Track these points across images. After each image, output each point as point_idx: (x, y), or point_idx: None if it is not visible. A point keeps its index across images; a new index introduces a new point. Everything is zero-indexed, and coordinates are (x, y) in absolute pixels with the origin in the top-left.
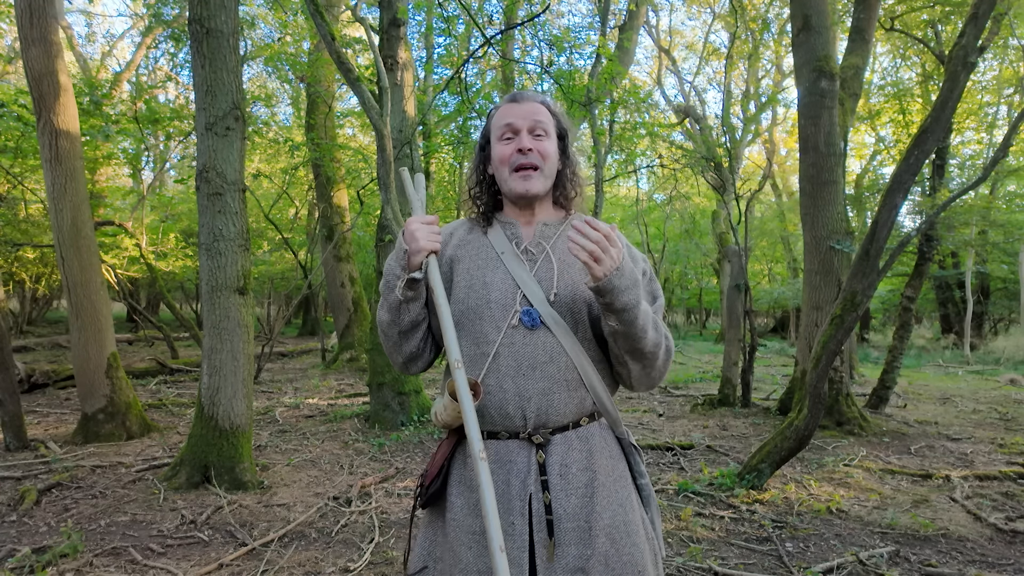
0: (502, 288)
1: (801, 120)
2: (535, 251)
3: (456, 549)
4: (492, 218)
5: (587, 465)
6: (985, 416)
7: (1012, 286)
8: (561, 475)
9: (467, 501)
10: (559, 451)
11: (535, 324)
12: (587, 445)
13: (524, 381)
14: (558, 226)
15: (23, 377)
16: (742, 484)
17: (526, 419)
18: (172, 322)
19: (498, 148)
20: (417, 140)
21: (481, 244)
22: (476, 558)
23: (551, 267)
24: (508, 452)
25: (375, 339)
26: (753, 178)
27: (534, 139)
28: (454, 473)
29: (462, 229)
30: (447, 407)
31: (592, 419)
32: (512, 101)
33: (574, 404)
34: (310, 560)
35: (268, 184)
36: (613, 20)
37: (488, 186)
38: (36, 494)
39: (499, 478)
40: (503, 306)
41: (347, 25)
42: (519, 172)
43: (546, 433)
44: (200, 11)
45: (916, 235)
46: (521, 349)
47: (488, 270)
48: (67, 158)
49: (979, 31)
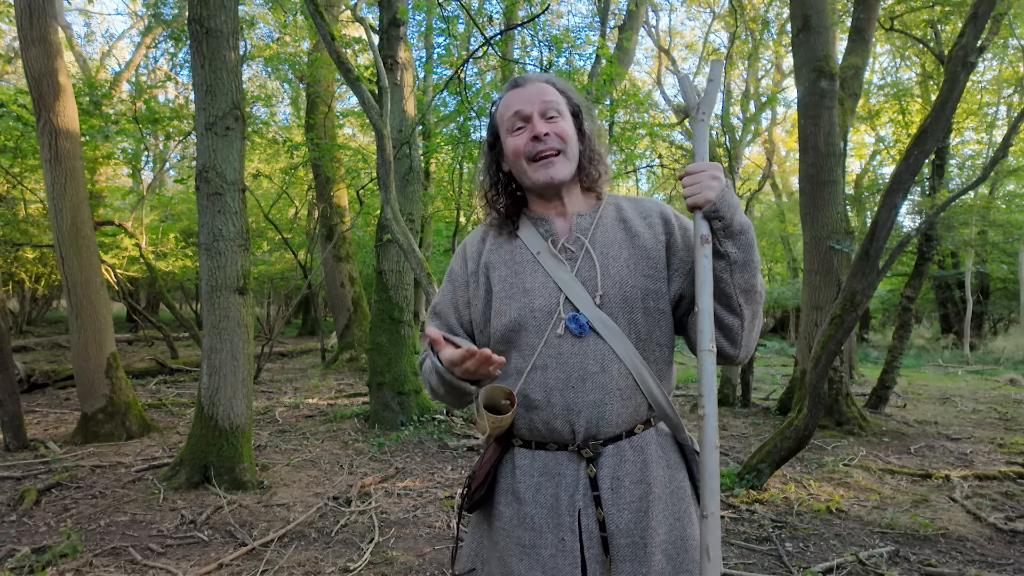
0: (544, 293)
1: (801, 120)
2: (573, 248)
3: (506, 559)
4: (518, 217)
5: (641, 477)
6: (985, 416)
7: (1012, 286)
8: (613, 489)
9: (515, 512)
10: (610, 464)
11: (583, 331)
12: (642, 456)
13: (573, 394)
14: (593, 215)
15: (23, 377)
16: (742, 484)
17: (575, 433)
18: (172, 322)
19: (510, 141)
20: (417, 140)
21: (514, 246)
22: (527, 570)
23: (593, 265)
24: (557, 464)
25: (375, 339)
26: (753, 178)
27: (548, 122)
28: (501, 482)
29: (492, 232)
30: (480, 419)
31: (648, 425)
32: (515, 87)
33: (628, 413)
34: (310, 560)
35: (268, 184)
36: (613, 20)
37: (505, 186)
38: (36, 494)
39: (547, 491)
40: (547, 312)
41: (347, 25)
42: (539, 160)
43: (596, 446)
44: (200, 11)
45: (916, 235)
46: (569, 359)
47: (526, 275)
48: (67, 158)
49: (979, 31)
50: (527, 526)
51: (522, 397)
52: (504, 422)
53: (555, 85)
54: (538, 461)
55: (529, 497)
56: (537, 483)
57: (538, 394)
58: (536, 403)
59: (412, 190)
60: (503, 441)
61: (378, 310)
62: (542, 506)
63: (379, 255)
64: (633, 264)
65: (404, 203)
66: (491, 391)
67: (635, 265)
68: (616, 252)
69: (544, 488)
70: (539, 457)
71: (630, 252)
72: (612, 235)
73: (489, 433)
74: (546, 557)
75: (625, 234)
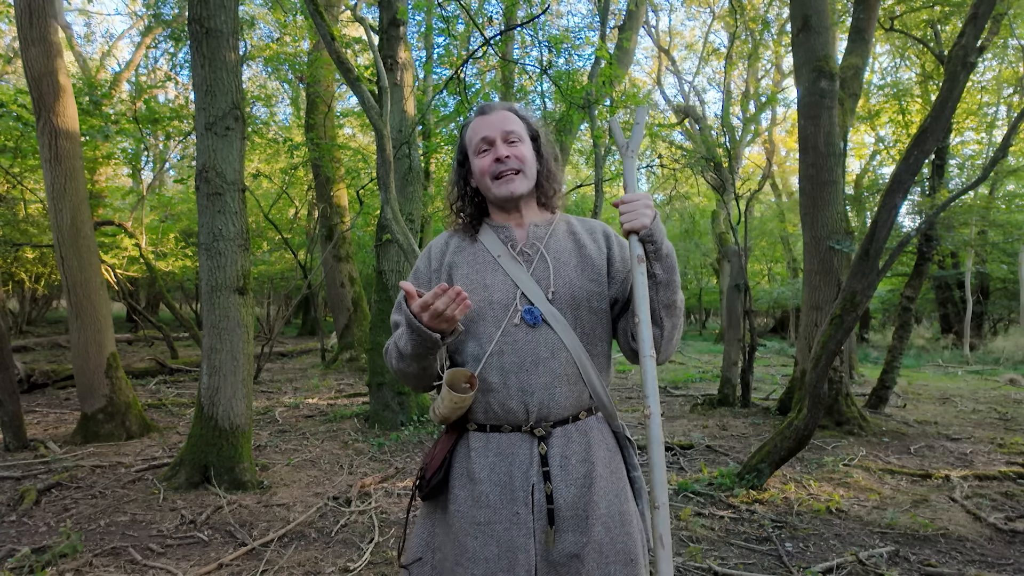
0: (502, 289)
1: (801, 120)
2: (530, 252)
3: (461, 539)
4: (480, 225)
5: (585, 457)
6: (985, 416)
7: (1011, 286)
8: (562, 466)
9: (470, 493)
10: (559, 443)
11: (536, 321)
12: (586, 438)
13: (527, 376)
14: (548, 226)
15: (23, 377)
16: (742, 484)
17: (528, 413)
18: (172, 322)
19: (477, 162)
20: (417, 140)
21: (476, 249)
22: (482, 547)
23: (547, 266)
24: (511, 445)
25: (375, 339)
26: (753, 178)
27: (509, 146)
28: (456, 466)
29: (456, 237)
30: (444, 398)
31: (590, 413)
32: (481, 114)
33: (573, 398)
34: (310, 560)
35: (268, 184)
36: (612, 20)
37: (471, 199)
38: (36, 494)
39: (501, 470)
40: (504, 306)
41: (347, 25)
42: (501, 178)
43: (547, 426)
44: (200, 11)
45: (916, 235)
46: (524, 346)
47: (487, 273)
48: (67, 158)
49: (979, 31)
50: (482, 503)
51: (480, 380)
52: (465, 402)
53: (517, 113)
54: (492, 443)
55: (484, 476)
56: (492, 463)
57: (495, 377)
58: (493, 386)
59: (412, 190)
60: (456, 428)
61: (378, 310)
62: (496, 484)
63: (379, 255)
64: (581, 269)
65: (404, 203)
66: (454, 374)
67: (582, 271)
68: (567, 258)
69: (498, 467)
70: (493, 439)
71: (578, 259)
72: (563, 244)
73: (447, 415)
74: (500, 531)
75: (574, 244)
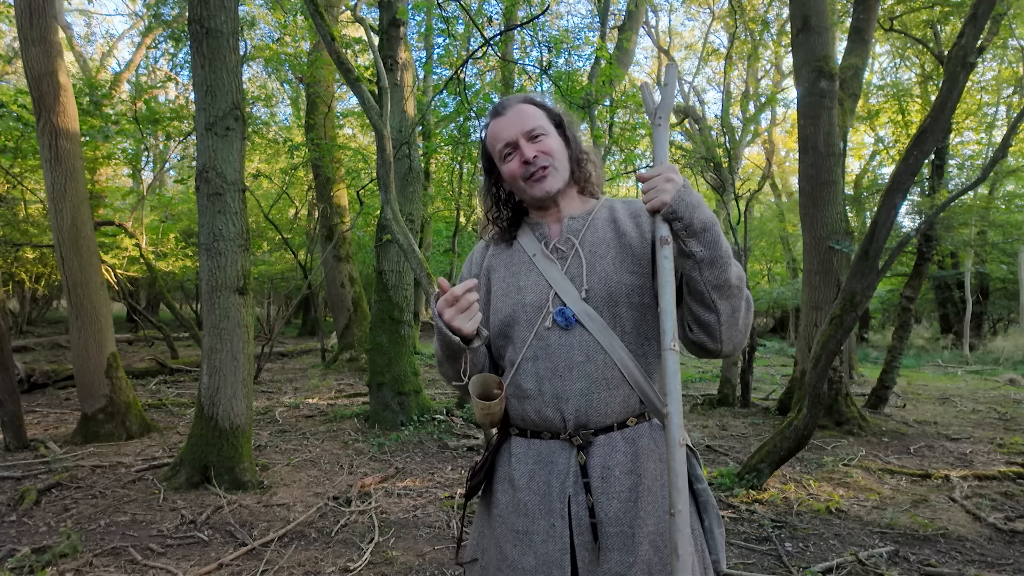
0: (535, 290)
1: (800, 120)
2: (564, 248)
3: (502, 545)
4: (518, 226)
5: (632, 468)
6: (984, 416)
7: (1011, 286)
8: (603, 478)
9: (511, 499)
10: (601, 453)
11: (569, 323)
12: (633, 447)
13: (561, 383)
14: (585, 217)
15: (23, 377)
16: (741, 484)
17: (565, 421)
18: (172, 322)
19: (505, 168)
20: (416, 140)
21: (513, 251)
22: (520, 556)
23: (580, 262)
24: (550, 452)
25: (375, 339)
26: (752, 178)
27: (534, 143)
28: (499, 470)
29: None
30: (473, 404)
31: (642, 419)
32: (496, 116)
33: (617, 403)
34: (310, 560)
35: (268, 184)
36: (612, 20)
37: (506, 202)
38: (36, 494)
39: (540, 478)
40: (537, 308)
41: (347, 25)
42: (532, 179)
43: (587, 434)
44: (200, 11)
45: (915, 235)
46: (557, 350)
47: (521, 274)
48: (67, 158)
49: (978, 32)
50: (521, 512)
51: (515, 387)
52: (493, 408)
53: (534, 102)
54: (532, 449)
55: (523, 484)
56: (531, 470)
57: (530, 383)
58: (528, 392)
59: (412, 190)
60: (504, 431)
61: (378, 310)
62: (535, 492)
63: (379, 255)
64: (619, 261)
65: (404, 203)
66: (484, 380)
67: (621, 262)
68: (604, 251)
69: (537, 475)
70: (534, 445)
71: (617, 250)
72: (602, 235)
73: (481, 421)
74: (538, 543)
75: (614, 233)
